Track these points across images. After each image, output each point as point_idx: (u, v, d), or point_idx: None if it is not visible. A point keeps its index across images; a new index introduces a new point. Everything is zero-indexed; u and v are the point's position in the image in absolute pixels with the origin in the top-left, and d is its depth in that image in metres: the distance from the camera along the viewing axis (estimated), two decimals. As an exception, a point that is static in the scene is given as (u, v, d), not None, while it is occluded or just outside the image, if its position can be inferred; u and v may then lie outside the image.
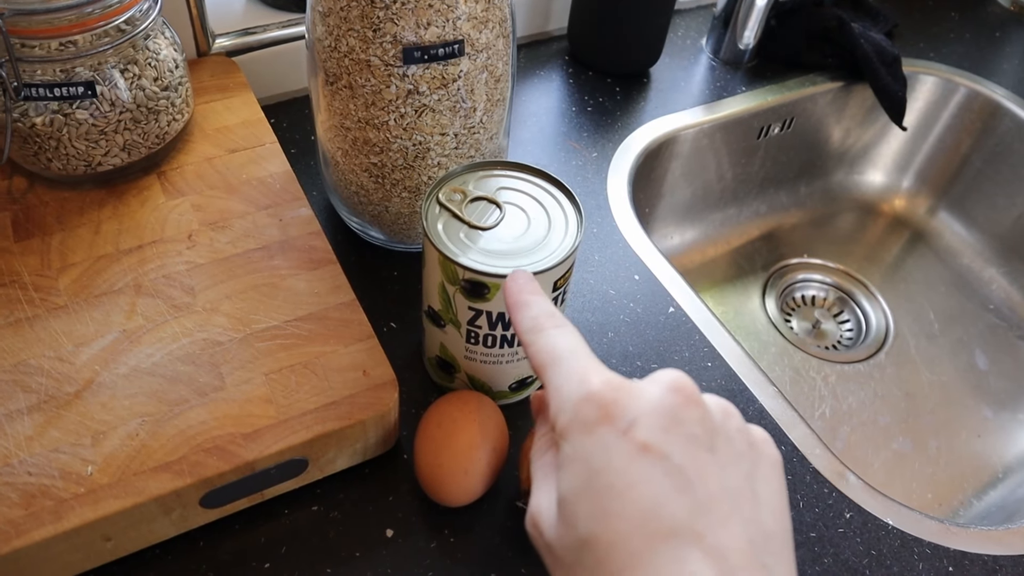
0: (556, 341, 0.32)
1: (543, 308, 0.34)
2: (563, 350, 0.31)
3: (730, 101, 0.77)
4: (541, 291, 0.35)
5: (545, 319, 0.33)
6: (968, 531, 0.49)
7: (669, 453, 0.27)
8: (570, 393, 0.30)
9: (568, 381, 0.30)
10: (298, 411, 0.42)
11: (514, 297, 0.35)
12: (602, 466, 0.28)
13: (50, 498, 0.38)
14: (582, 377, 0.30)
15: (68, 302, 0.46)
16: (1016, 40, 0.92)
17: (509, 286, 0.35)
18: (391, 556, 0.44)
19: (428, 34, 0.45)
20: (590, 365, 0.30)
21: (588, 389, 0.29)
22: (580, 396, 0.29)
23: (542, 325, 0.33)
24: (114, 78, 0.49)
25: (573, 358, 0.31)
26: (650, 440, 0.27)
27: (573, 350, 0.31)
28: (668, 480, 0.27)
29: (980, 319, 0.82)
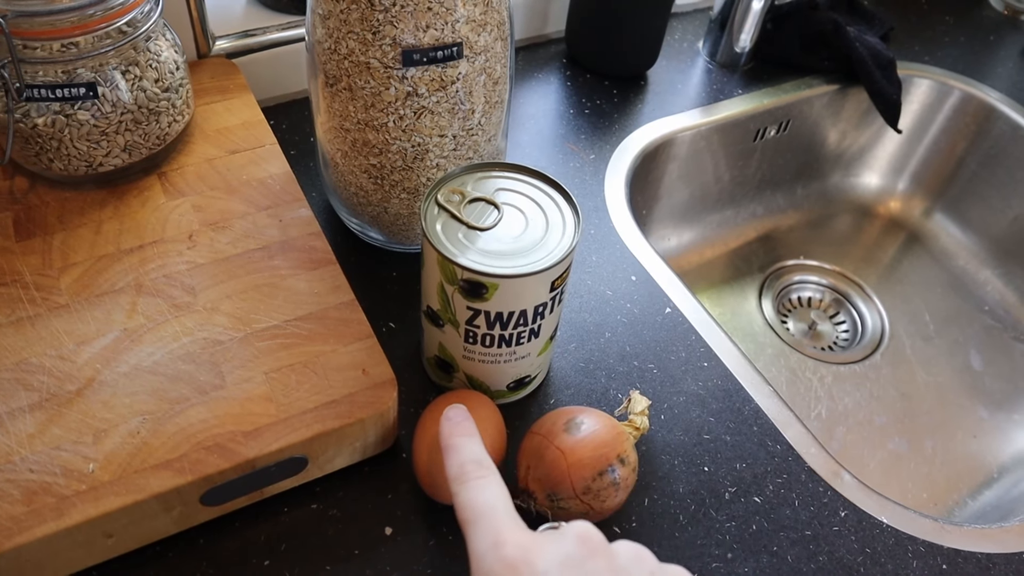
0: (475, 496, 0.34)
1: (470, 454, 0.36)
2: (481, 507, 0.33)
3: (727, 104, 0.77)
4: (475, 431, 0.38)
5: (471, 467, 0.35)
6: (961, 529, 0.50)
7: None
8: (484, 555, 0.31)
9: (483, 542, 0.32)
10: (298, 410, 0.43)
11: (445, 440, 0.37)
12: None
13: (52, 495, 0.39)
14: (495, 539, 0.31)
15: (69, 301, 0.46)
16: (1010, 44, 0.92)
17: (442, 425, 0.38)
18: (390, 554, 0.44)
19: (427, 37, 0.45)
20: (504, 525, 0.32)
21: (500, 553, 0.31)
22: (493, 559, 0.31)
23: (467, 474, 0.35)
24: (115, 79, 0.50)
25: (489, 517, 0.33)
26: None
27: (492, 506, 0.33)
28: None
29: (975, 320, 0.83)
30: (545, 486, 0.42)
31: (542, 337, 0.46)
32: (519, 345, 0.46)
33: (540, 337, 0.46)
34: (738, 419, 0.52)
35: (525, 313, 0.43)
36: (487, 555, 0.31)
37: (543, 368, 0.51)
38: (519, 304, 0.43)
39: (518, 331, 0.44)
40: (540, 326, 0.45)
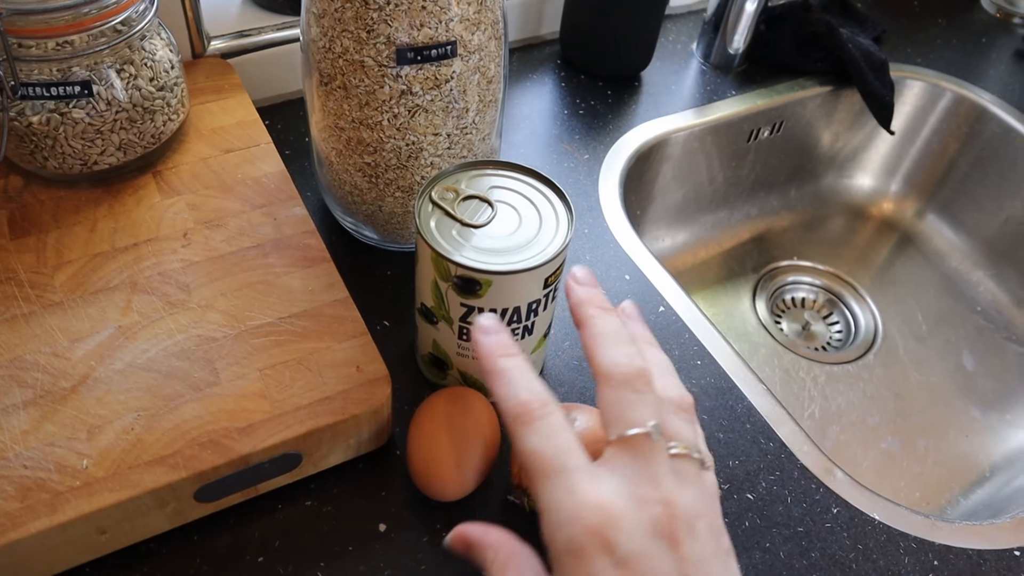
0: (545, 443, 0.30)
1: (526, 385, 0.32)
2: (553, 456, 0.30)
3: (720, 105, 0.78)
4: (517, 348, 0.33)
5: (534, 403, 0.31)
6: (953, 526, 0.50)
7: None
8: (563, 519, 0.29)
9: (561, 501, 0.29)
10: (292, 406, 0.43)
11: (489, 361, 0.33)
12: None
13: (46, 491, 0.39)
14: (576, 500, 0.29)
15: (64, 299, 0.46)
16: (1001, 46, 0.93)
17: (480, 340, 0.34)
18: (384, 550, 0.44)
19: (421, 35, 0.45)
20: (582, 480, 0.30)
21: (582, 517, 0.29)
22: (575, 525, 0.29)
23: (530, 413, 0.31)
24: (110, 78, 0.50)
25: (565, 472, 0.30)
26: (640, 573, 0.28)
27: (566, 452, 0.30)
28: None
29: (968, 321, 0.83)
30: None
31: (536, 335, 0.47)
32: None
33: (534, 335, 0.46)
34: (731, 417, 0.53)
35: (519, 310, 0.44)
36: (567, 519, 0.29)
37: (537, 366, 0.51)
38: (513, 301, 0.43)
39: (512, 328, 0.45)
40: (534, 323, 0.45)
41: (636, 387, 0.32)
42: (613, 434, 0.31)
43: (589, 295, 0.35)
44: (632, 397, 0.31)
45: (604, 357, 0.32)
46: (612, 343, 0.33)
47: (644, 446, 0.30)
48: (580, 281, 0.36)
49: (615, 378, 0.32)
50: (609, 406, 0.32)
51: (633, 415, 0.31)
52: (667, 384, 0.34)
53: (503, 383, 0.32)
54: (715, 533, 0.31)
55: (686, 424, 0.33)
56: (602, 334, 0.33)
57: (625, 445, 0.31)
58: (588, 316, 0.34)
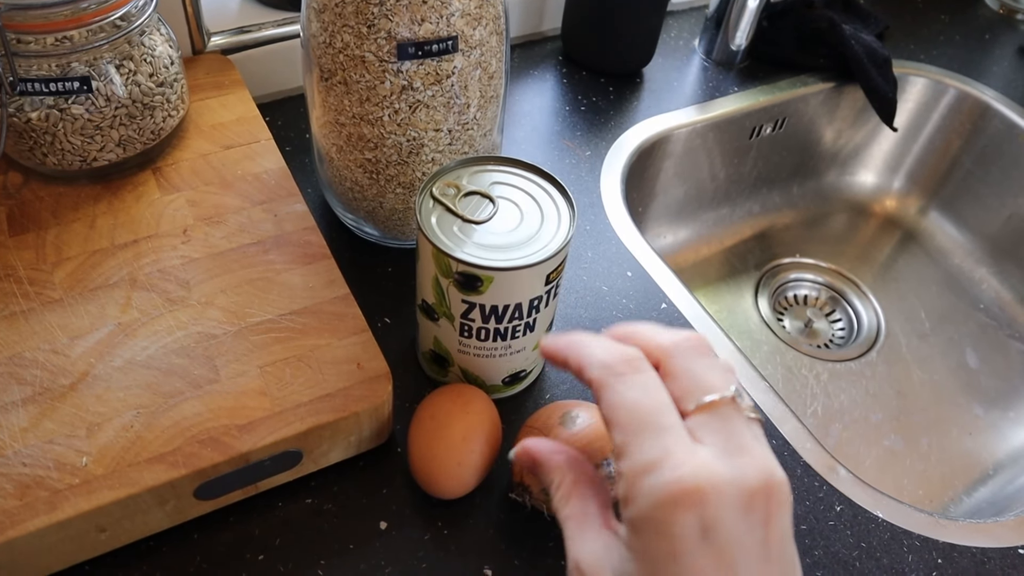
0: (644, 396, 0.29)
1: (608, 347, 0.31)
2: (653, 410, 0.28)
3: (722, 101, 0.77)
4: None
5: (634, 356, 0.30)
6: (957, 524, 0.50)
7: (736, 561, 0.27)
8: (657, 479, 0.27)
9: (657, 461, 0.28)
10: (292, 403, 0.42)
11: (564, 345, 0.32)
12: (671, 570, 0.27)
13: (45, 488, 0.38)
14: (674, 463, 0.27)
15: (63, 296, 0.46)
16: (1005, 42, 0.93)
17: (550, 345, 0.32)
18: (385, 548, 0.44)
19: (422, 30, 0.45)
20: (680, 439, 0.28)
21: (677, 480, 0.27)
22: (667, 487, 0.27)
23: (630, 363, 0.30)
24: (109, 73, 0.50)
25: (664, 429, 0.28)
26: (724, 547, 0.27)
27: (666, 407, 0.29)
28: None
29: (971, 318, 0.83)
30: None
31: (537, 331, 0.46)
32: (514, 339, 0.46)
33: (535, 331, 0.46)
34: (734, 414, 0.52)
35: (520, 307, 0.43)
36: (661, 483, 0.27)
37: (538, 363, 0.51)
38: (514, 297, 0.43)
39: (513, 325, 0.44)
40: (535, 320, 0.45)
41: (703, 352, 0.30)
42: (691, 403, 0.29)
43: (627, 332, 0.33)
44: (705, 362, 0.30)
45: (664, 337, 0.31)
46: (663, 330, 0.32)
47: (729, 410, 0.29)
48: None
49: (681, 346, 0.30)
50: (681, 376, 0.30)
51: (711, 380, 0.29)
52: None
53: (588, 352, 0.31)
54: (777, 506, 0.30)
55: (744, 392, 0.32)
56: (658, 332, 0.32)
57: (708, 411, 0.29)
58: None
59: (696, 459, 0.27)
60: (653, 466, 0.27)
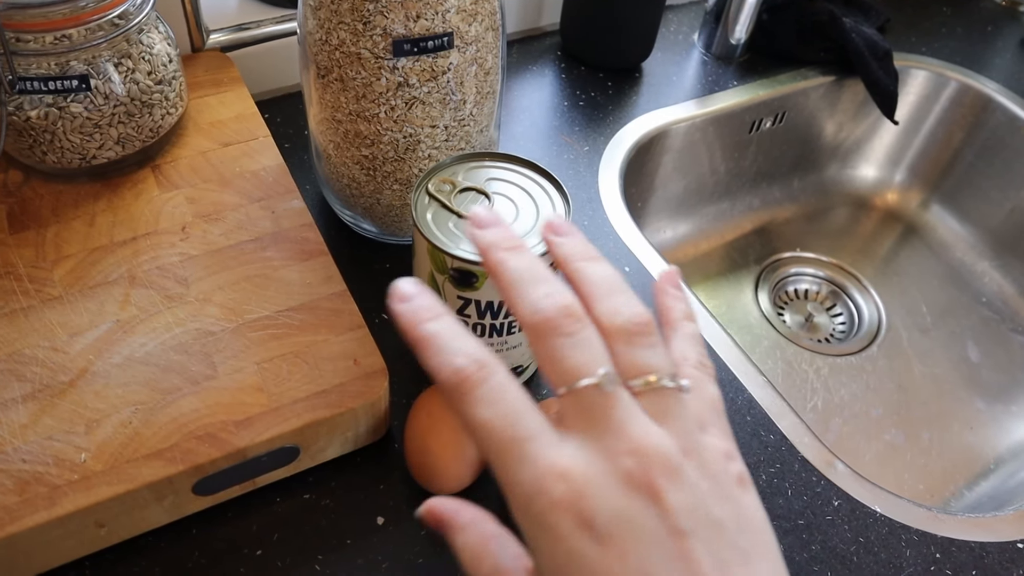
0: (488, 411, 0.26)
1: (459, 346, 0.27)
2: (502, 425, 0.25)
3: (722, 95, 0.77)
4: (442, 307, 0.28)
5: (470, 368, 0.26)
6: (955, 518, 0.50)
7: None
8: (526, 493, 0.25)
9: (520, 475, 0.25)
10: (289, 399, 0.43)
11: (411, 330, 0.27)
12: None
13: (44, 484, 0.39)
14: (537, 472, 0.25)
15: (63, 293, 0.47)
16: (1007, 35, 0.92)
17: (397, 311, 0.28)
18: (382, 543, 0.44)
19: (417, 27, 0.45)
20: (539, 444, 0.25)
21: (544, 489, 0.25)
22: (538, 497, 0.25)
23: (468, 379, 0.26)
24: (108, 72, 0.50)
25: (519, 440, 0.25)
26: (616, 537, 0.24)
27: (515, 418, 0.26)
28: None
29: (972, 312, 0.83)
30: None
31: (534, 327, 0.46)
32: (510, 335, 0.46)
33: (532, 327, 0.46)
34: (731, 409, 0.52)
35: (516, 302, 0.43)
36: (531, 495, 0.25)
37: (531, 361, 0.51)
38: (510, 293, 0.43)
39: (509, 320, 0.45)
40: (531, 316, 0.45)
41: (565, 329, 0.26)
42: (560, 390, 0.26)
43: (495, 237, 0.29)
44: (564, 343, 0.26)
45: (522, 307, 0.27)
46: (527, 286, 0.28)
47: (595, 397, 0.26)
48: (482, 223, 0.30)
49: (539, 327, 0.27)
50: (544, 362, 0.27)
51: (572, 363, 0.26)
52: (613, 306, 0.28)
53: (432, 352, 0.27)
54: (712, 463, 0.27)
55: (646, 350, 0.27)
56: (514, 280, 0.28)
57: (575, 399, 0.26)
58: (496, 263, 0.29)
59: (557, 462, 0.25)
60: (520, 483, 0.25)
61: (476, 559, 0.28)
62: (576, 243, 0.31)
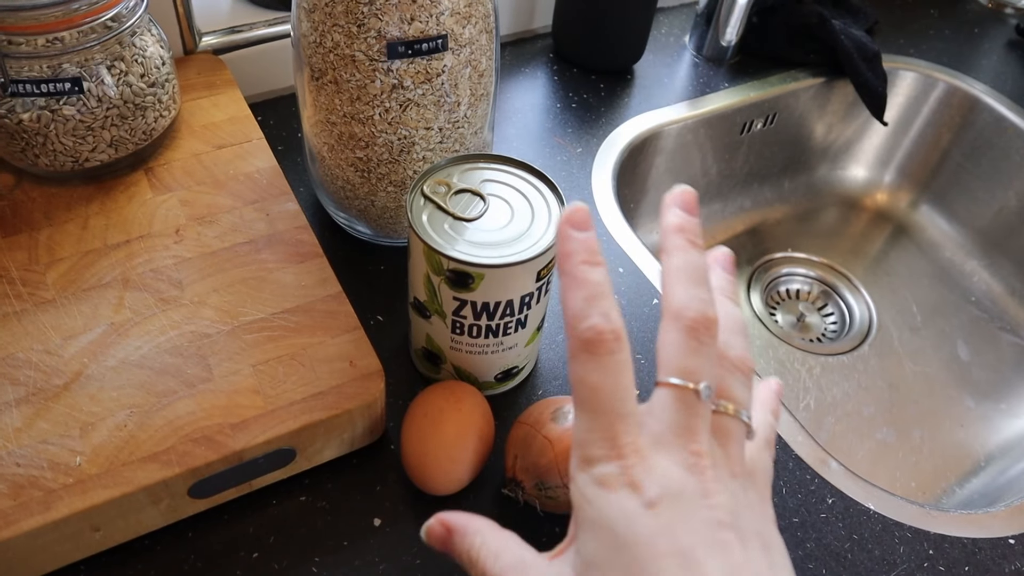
0: (607, 381, 0.29)
1: (606, 308, 0.29)
2: (610, 395, 0.29)
3: (713, 97, 0.78)
4: (604, 260, 0.30)
5: (608, 336, 0.29)
6: (948, 515, 0.50)
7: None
8: (598, 453, 0.28)
9: (599, 441, 0.28)
10: (285, 401, 0.43)
11: (572, 261, 0.30)
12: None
13: (39, 488, 0.39)
14: (616, 444, 0.28)
15: (56, 296, 0.46)
16: (994, 36, 0.93)
17: (569, 235, 0.30)
18: (378, 545, 0.44)
19: (412, 29, 0.45)
20: (629, 424, 0.28)
21: (615, 455, 0.28)
22: (606, 461, 0.28)
23: (604, 344, 0.29)
24: (101, 74, 0.50)
25: (616, 415, 0.28)
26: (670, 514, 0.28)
27: (624, 394, 0.29)
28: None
29: (962, 311, 0.83)
30: (533, 475, 0.42)
31: (529, 327, 0.47)
32: (506, 335, 0.46)
33: (527, 327, 0.46)
34: (725, 408, 0.53)
35: (512, 303, 0.44)
36: (601, 457, 0.28)
37: (531, 359, 0.51)
38: (505, 294, 0.43)
39: (505, 321, 0.45)
40: (527, 316, 0.45)
41: (700, 336, 0.29)
42: (662, 375, 0.29)
43: (684, 222, 0.32)
44: (692, 345, 0.29)
45: (676, 295, 0.30)
46: (690, 282, 0.30)
47: (690, 399, 0.29)
48: (680, 206, 0.32)
49: (682, 320, 0.29)
50: (666, 347, 0.30)
51: (688, 365, 0.29)
52: (732, 342, 0.32)
53: (581, 298, 0.29)
54: (751, 494, 0.31)
55: (741, 386, 0.31)
56: (683, 269, 0.30)
57: (678, 392, 0.29)
58: (676, 246, 0.31)
59: (634, 440, 0.28)
60: (595, 445, 0.28)
61: (495, 555, 0.31)
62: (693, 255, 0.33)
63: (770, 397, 0.38)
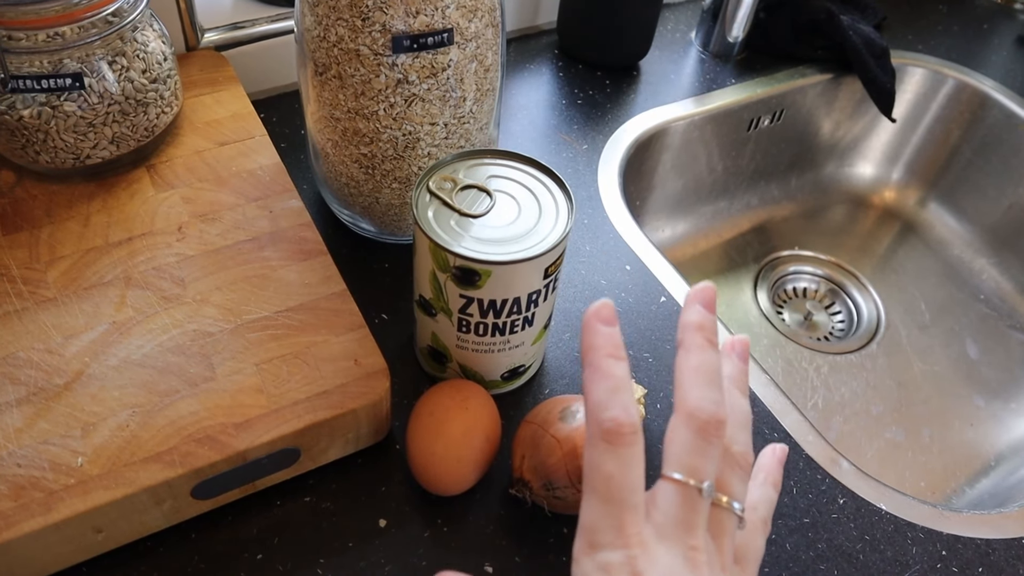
0: (621, 471, 0.30)
1: (626, 402, 0.31)
2: (620, 487, 0.30)
3: (720, 93, 0.77)
4: (624, 352, 0.32)
5: (626, 426, 0.31)
6: (961, 515, 0.49)
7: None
8: (604, 540, 0.30)
9: (606, 529, 0.30)
10: (289, 400, 0.42)
11: (598, 354, 0.32)
12: None
13: (40, 490, 0.38)
14: (621, 535, 0.30)
15: (57, 295, 0.46)
16: (1003, 32, 0.92)
17: (589, 331, 0.32)
18: (384, 546, 0.43)
19: (417, 23, 0.45)
20: (635, 516, 0.30)
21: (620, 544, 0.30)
22: (611, 549, 0.30)
23: (622, 437, 0.31)
24: (102, 70, 0.49)
25: (624, 505, 0.30)
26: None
27: (634, 486, 0.31)
28: None
29: (971, 309, 0.82)
30: (541, 475, 0.42)
31: (536, 326, 0.46)
32: (513, 334, 0.45)
33: (534, 326, 0.46)
34: (735, 407, 0.52)
35: (519, 301, 0.43)
36: (606, 544, 0.30)
37: (537, 358, 0.50)
38: (512, 292, 0.42)
39: (512, 319, 0.44)
40: (534, 314, 0.45)
41: (708, 437, 0.32)
42: (670, 470, 0.32)
43: (704, 320, 0.34)
44: (701, 446, 0.31)
45: (691, 395, 0.32)
46: (704, 383, 0.33)
47: (693, 496, 0.31)
48: (701, 303, 0.35)
49: (694, 421, 0.32)
50: (676, 443, 0.32)
51: (696, 464, 0.31)
52: (737, 437, 0.35)
53: (604, 389, 0.31)
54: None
55: (739, 481, 0.34)
56: (699, 370, 0.33)
57: (678, 487, 0.31)
58: (695, 344, 0.34)
59: (643, 531, 0.30)
60: (602, 532, 0.30)
61: None
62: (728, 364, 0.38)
63: (774, 467, 0.40)
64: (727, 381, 0.37)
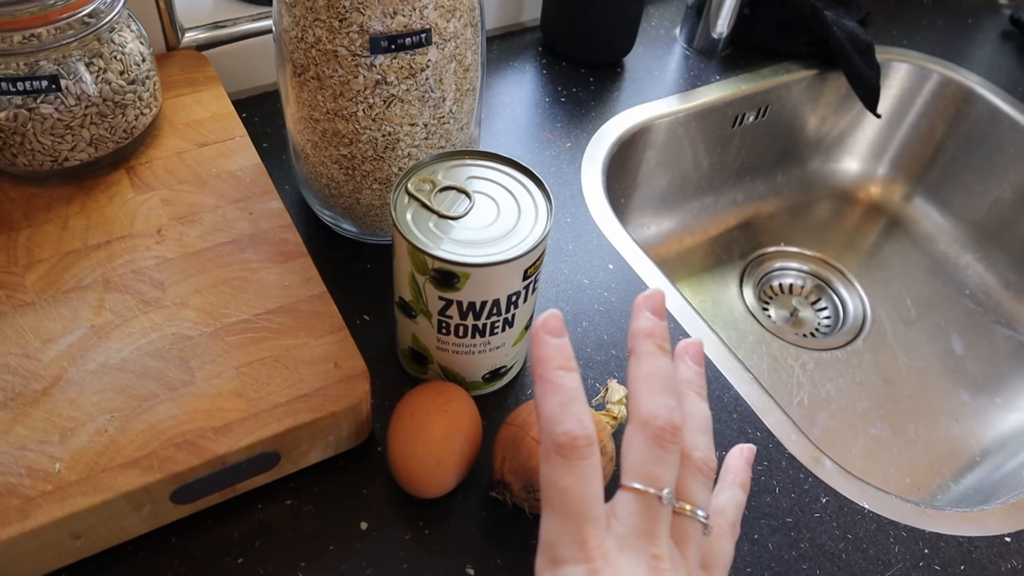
0: (577, 485, 0.30)
1: (579, 413, 0.31)
2: (579, 500, 0.30)
3: (704, 90, 0.77)
4: (576, 365, 0.33)
5: (581, 439, 0.31)
6: (943, 513, 0.49)
7: None
8: (566, 555, 0.30)
9: (566, 543, 0.30)
10: (269, 404, 0.42)
11: (545, 371, 0.32)
12: None
13: (17, 496, 0.38)
14: (583, 550, 0.30)
15: (35, 299, 0.45)
16: (988, 27, 0.92)
17: (539, 344, 0.32)
18: (366, 549, 0.43)
19: (395, 23, 0.44)
20: (595, 529, 0.30)
21: (581, 558, 0.30)
22: (574, 564, 0.30)
23: (577, 451, 0.30)
24: (79, 72, 0.49)
25: (583, 518, 0.30)
26: None
27: (592, 499, 0.30)
28: None
29: (956, 304, 0.83)
30: (521, 477, 0.42)
31: (516, 327, 0.46)
32: (493, 335, 0.45)
33: (514, 327, 0.46)
34: (718, 407, 0.52)
35: (498, 302, 0.43)
36: (569, 559, 0.30)
37: (519, 358, 0.50)
38: (492, 293, 0.42)
39: (492, 321, 0.44)
40: (514, 315, 0.45)
41: (665, 444, 0.32)
42: (628, 480, 0.31)
43: (653, 327, 0.34)
44: (658, 453, 0.31)
45: (645, 403, 0.32)
46: (657, 390, 0.33)
47: (653, 504, 0.31)
48: (651, 309, 0.35)
49: (649, 428, 0.32)
50: (632, 452, 0.32)
51: (653, 472, 0.31)
52: (697, 442, 0.34)
53: (556, 402, 0.31)
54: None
55: (701, 487, 0.34)
56: (651, 377, 0.33)
57: (641, 497, 0.31)
58: (644, 352, 0.34)
59: (604, 542, 0.30)
60: (563, 546, 0.30)
61: None
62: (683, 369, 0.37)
63: (741, 468, 0.39)
64: (684, 386, 0.36)
